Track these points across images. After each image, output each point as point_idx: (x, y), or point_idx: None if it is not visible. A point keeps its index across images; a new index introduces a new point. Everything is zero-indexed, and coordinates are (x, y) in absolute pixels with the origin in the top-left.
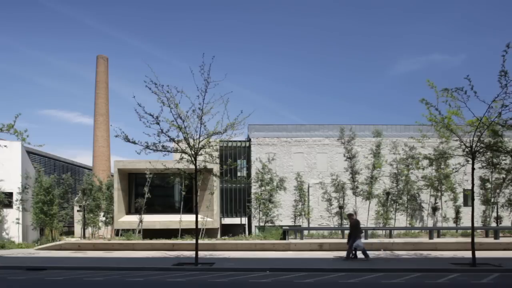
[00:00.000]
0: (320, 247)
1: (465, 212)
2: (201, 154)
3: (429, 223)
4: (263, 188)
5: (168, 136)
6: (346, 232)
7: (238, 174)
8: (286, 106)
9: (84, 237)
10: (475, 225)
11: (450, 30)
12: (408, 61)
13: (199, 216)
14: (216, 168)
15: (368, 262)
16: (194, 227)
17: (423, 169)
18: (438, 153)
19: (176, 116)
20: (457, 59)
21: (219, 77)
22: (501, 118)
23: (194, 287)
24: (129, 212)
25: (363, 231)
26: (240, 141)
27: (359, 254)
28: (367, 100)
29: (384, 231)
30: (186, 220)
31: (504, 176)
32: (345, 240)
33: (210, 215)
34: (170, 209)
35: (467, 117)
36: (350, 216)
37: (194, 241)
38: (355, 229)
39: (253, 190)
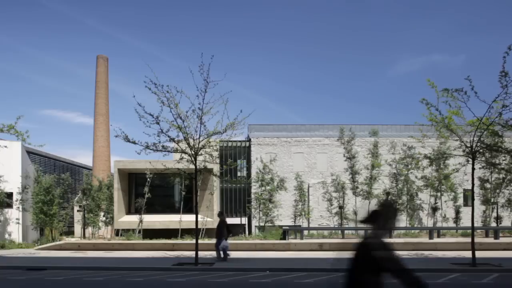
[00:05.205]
0: (320, 247)
1: (465, 212)
2: (201, 154)
3: (429, 223)
4: (263, 188)
5: (168, 136)
6: (346, 232)
7: (238, 174)
8: (286, 106)
9: (84, 237)
10: (475, 225)
11: (450, 30)
12: (408, 61)
13: (199, 216)
14: (216, 168)
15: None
16: (194, 227)
17: (423, 169)
18: (438, 153)
19: (176, 116)
20: (457, 59)
21: (219, 77)
22: (502, 118)
23: (194, 287)
24: (129, 212)
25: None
26: (240, 141)
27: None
28: (367, 100)
29: None
30: (186, 220)
31: (504, 176)
32: (346, 240)
33: (210, 215)
34: (170, 209)
35: (468, 117)
36: (218, 215)
37: (194, 241)
38: (218, 229)
39: (253, 190)
